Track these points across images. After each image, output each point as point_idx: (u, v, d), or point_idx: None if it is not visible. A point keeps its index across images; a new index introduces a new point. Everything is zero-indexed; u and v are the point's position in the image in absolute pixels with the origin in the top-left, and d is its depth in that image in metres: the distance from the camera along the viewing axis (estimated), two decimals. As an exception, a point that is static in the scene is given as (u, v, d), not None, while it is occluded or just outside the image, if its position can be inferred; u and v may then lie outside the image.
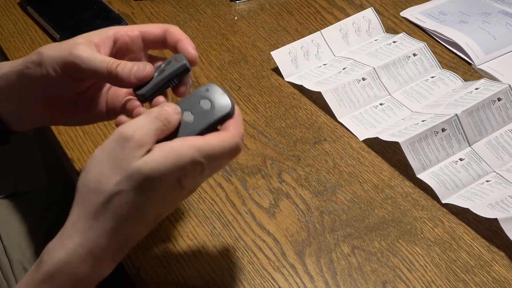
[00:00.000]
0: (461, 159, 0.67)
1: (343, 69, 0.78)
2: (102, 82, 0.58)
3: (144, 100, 0.51)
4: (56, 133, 0.71)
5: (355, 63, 0.78)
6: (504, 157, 0.68)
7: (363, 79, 0.75)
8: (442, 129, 0.67)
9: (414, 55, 0.78)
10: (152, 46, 0.57)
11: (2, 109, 0.58)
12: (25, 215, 0.83)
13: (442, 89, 0.76)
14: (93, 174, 0.45)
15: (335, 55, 0.82)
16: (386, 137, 0.68)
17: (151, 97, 0.51)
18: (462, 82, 0.76)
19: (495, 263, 0.59)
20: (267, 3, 0.92)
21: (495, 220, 0.59)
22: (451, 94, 0.74)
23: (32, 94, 0.56)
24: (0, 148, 0.61)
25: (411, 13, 0.91)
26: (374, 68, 0.76)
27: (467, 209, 0.62)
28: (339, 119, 0.73)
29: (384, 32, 0.85)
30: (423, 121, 0.69)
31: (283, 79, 0.79)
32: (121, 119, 0.50)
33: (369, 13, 0.85)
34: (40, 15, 0.86)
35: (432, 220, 0.62)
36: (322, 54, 0.82)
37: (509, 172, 0.67)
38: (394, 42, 0.81)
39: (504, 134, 0.70)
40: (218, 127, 0.49)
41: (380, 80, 0.76)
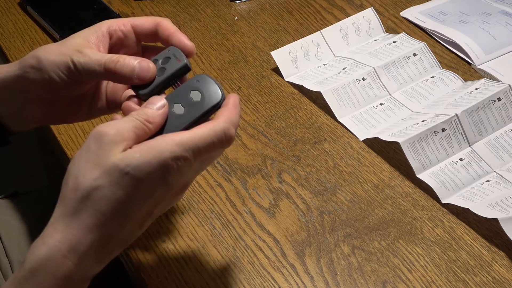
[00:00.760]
0: (461, 159, 0.67)
1: (343, 69, 0.78)
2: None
3: (146, 99, 0.51)
4: (56, 133, 0.71)
5: (355, 63, 0.78)
6: (504, 157, 0.68)
7: (363, 79, 0.75)
8: (442, 129, 0.67)
9: (414, 55, 0.78)
10: (144, 39, 0.57)
11: (1, 111, 0.57)
12: (25, 215, 0.83)
13: (442, 89, 0.76)
14: (72, 173, 0.45)
15: (335, 55, 0.82)
16: (386, 137, 0.68)
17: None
18: (462, 82, 0.76)
19: (495, 263, 0.59)
20: (267, 3, 0.92)
21: (495, 220, 0.59)
22: (451, 94, 0.74)
23: (33, 96, 0.56)
24: (0, 149, 0.61)
25: (411, 13, 0.91)
26: (374, 68, 0.76)
27: (467, 209, 0.62)
28: (339, 119, 0.73)
29: (384, 32, 0.85)
30: (423, 121, 0.69)
31: (283, 79, 0.79)
32: (116, 117, 0.50)
33: (369, 13, 0.85)
34: (40, 15, 0.86)
35: (432, 220, 0.62)
36: (322, 54, 0.82)
37: (509, 172, 0.67)
38: (394, 42, 0.81)
39: (504, 134, 0.70)
40: (211, 118, 0.48)
41: (380, 80, 0.76)
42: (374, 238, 0.60)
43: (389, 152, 0.69)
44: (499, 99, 0.71)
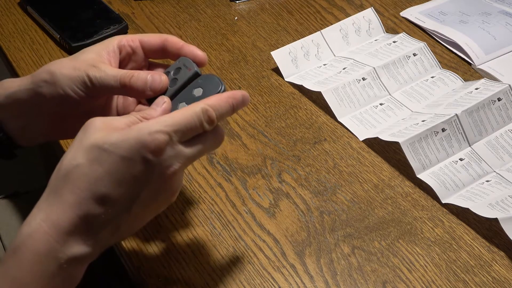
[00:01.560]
0: (461, 159, 0.67)
1: (343, 69, 0.78)
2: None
3: None
4: (56, 133, 0.71)
5: (355, 63, 0.78)
6: (504, 157, 0.68)
7: (363, 79, 0.75)
8: (442, 129, 0.67)
9: (414, 55, 0.78)
10: (151, 55, 0.58)
11: (10, 125, 0.58)
12: (25, 215, 0.83)
13: (442, 89, 0.76)
14: (60, 159, 0.46)
15: (335, 55, 0.82)
16: (386, 137, 0.68)
17: None
18: (462, 82, 0.76)
19: (495, 263, 0.59)
20: (267, 3, 0.92)
21: (495, 220, 0.59)
22: (451, 94, 0.74)
23: (44, 111, 0.56)
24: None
25: (411, 13, 0.91)
26: (374, 68, 0.76)
27: (467, 209, 0.62)
28: (339, 119, 0.73)
29: (384, 32, 0.85)
30: (423, 121, 0.69)
31: (283, 79, 0.79)
32: None
33: (369, 13, 0.85)
34: (40, 15, 0.86)
35: (432, 220, 0.62)
36: (322, 54, 0.82)
37: (509, 172, 0.67)
38: (394, 42, 0.81)
39: (504, 134, 0.70)
40: None
41: (380, 80, 0.76)
42: (374, 238, 0.60)
43: (389, 152, 0.69)
44: (499, 99, 0.71)
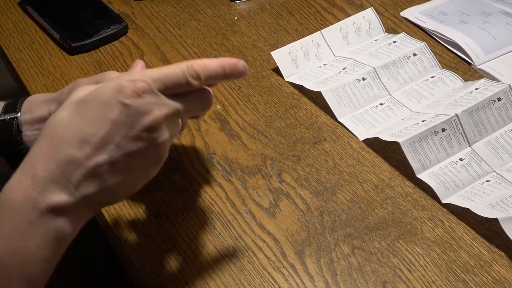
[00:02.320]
0: (461, 159, 0.67)
1: (343, 69, 0.78)
2: None
3: None
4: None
5: (355, 63, 0.78)
6: (504, 157, 0.68)
7: (363, 79, 0.75)
8: (442, 129, 0.67)
9: (414, 55, 0.78)
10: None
11: (30, 132, 0.60)
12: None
13: (442, 89, 0.76)
14: None
15: (335, 55, 0.82)
16: (386, 137, 0.68)
17: None
18: (462, 82, 0.76)
19: (495, 263, 0.59)
20: (267, 3, 0.92)
21: (495, 220, 0.59)
22: (451, 94, 0.74)
23: None
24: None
25: (411, 13, 0.91)
26: (374, 68, 0.76)
27: (467, 209, 0.62)
28: (339, 119, 0.73)
29: (384, 32, 0.85)
30: (423, 121, 0.69)
31: (283, 79, 0.79)
32: None
33: (369, 13, 0.85)
34: (40, 15, 0.86)
35: (432, 220, 0.62)
36: (322, 54, 0.82)
37: (509, 172, 0.67)
38: (394, 42, 0.81)
39: (504, 134, 0.70)
40: None
41: (380, 80, 0.76)
42: (374, 238, 0.60)
43: (389, 152, 0.69)
44: (499, 99, 0.71)
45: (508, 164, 0.68)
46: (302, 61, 0.80)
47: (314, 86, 0.76)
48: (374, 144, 0.70)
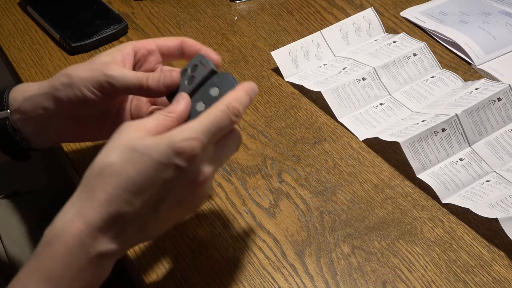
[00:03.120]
0: (461, 159, 0.67)
1: (343, 69, 0.78)
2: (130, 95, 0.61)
3: None
4: (56, 133, 0.71)
5: (355, 63, 0.78)
6: (504, 157, 0.68)
7: (363, 79, 0.75)
8: (442, 129, 0.67)
9: (414, 55, 0.78)
10: (168, 58, 0.60)
11: (27, 128, 0.59)
12: (25, 215, 0.83)
13: (442, 89, 0.76)
14: (94, 159, 0.47)
15: (335, 55, 0.82)
16: (386, 137, 0.68)
17: None
18: (462, 82, 0.76)
19: (495, 263, 0.59)
20: (267, 3, 0.92)
21: (495, 220, 0.59)
22: (451, 94, 0.74)
23: (60, 115, 0.58)
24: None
25: (411, 13, 0.91)
26: (374, 68, 0.76)
27: (467, 209, 0.62)
28: (339, 119, 0.73)
29: (384, 32, 0.85)
30: (423, 121, 0.69)
31: (283, 79, 0.79)
32: None
33: (369, 13, 0.85)
34: (40, 15, 0.86)
35: (432, 220, 0.62)
36: (322, 54, 0.82)
37: (509, 172, 0.67)
38: (394, 42, 0.81)
39: (504, 134, 0.70)
40: None
41: (380, 80, 0.76)
42: (374, 238, 0.60)
43: (389, 152, 0.69)
44: (499, 99, 0.71)
45: (508, 164, 0.68)
46: (302, 61, 0.80)
47: (314, 86, 0.76)
48: (374, 144, 0.70)
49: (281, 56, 0.80)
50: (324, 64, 0.81)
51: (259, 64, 0.81)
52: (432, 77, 0.78)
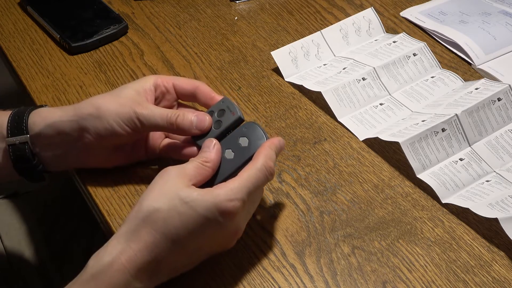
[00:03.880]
0: (461, 159, 0.67)
1: (343, 69, 0.78)
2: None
3: None
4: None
5: (355, 63, 0.78)
6: (504, 157, 0.68)
7: (363, 79, 0.75)
8: (442, 129, 0.67)
9: (414, 55, 0.78)
10: (182, 98, 0.64)
11: (46, 153, 0.60)
12: (25, 215, 0.83)
13: (442, 89, 0.76)
14: (139, 200, 0.51)
15: (335, 55, 0.82)
16: (386, 137, 0.68)
17: None
18: (462, 82, 0.76)
19: (495, 263, 0.59)
20: (267, 3, 0.92)
21: (495, 220, 0.59)
22: (451, 94, 0.74)
23: (82, 142, 0.59)
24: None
25: (411, 13, 0.91)
26: (374, 68, 0.76)
27: (467, 209, 0.62)
28: (339, 119, 0.73)
29: (384, 32, 0.85)
30: (423, 121, 0.69)
31: (283, 79, 0.79)
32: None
33: (369, 13, 0.85)
34: (40, 15, 0.86)
35: (432, 220, 0.62)
36: (322, 54, 0.82)
37: (509, 172, 0.67)
38: (394, 42, 0.81)
39: (504, 134, 0.70)
40: None
41: (380, 80, 0.76)
42: (374, 238, 0.60)
43: (389, 152, 0.69)
44: (499, 99, 0.71)
45: (508, 164, 0.68)
46: (302, 61, 0.80)
47: (314, 86, 0.76)
48: (374, 144, 0.70)
49: (281, 56, 0.80)
50: (324, 64, 0.81)
51: (259, 64, 0.81)
52: (432, 77, 0.78)
